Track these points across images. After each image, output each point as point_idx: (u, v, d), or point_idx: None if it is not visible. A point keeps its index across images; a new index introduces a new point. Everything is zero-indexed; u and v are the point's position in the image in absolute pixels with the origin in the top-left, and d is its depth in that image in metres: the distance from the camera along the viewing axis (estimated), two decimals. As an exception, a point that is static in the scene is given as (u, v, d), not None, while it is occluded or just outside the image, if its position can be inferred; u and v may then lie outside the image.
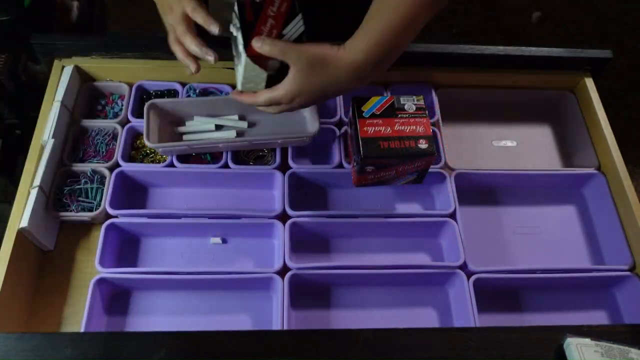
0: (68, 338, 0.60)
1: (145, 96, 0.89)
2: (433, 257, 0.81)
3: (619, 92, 1.97)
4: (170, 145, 0.79)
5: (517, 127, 0.96)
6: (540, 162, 0.93)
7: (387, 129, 0.75)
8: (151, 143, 0.77)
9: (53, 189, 0.77)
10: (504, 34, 2.09)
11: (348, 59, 0.63)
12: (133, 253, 0.78)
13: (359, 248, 0.81)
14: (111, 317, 0.74)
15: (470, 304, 0.72)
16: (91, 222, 0.79)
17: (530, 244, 0.84)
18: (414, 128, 0.75)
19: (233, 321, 0.74)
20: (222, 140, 0.80)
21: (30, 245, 0.74)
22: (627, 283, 0.78)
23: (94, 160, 0.82)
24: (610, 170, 0.85)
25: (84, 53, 0.87)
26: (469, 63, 0.92)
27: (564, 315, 0.78)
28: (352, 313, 0.76)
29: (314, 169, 0.83)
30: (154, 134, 0.79)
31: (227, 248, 0.80)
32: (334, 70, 0.63)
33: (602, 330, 0.65)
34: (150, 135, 0.78)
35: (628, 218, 0.81)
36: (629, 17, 2.16)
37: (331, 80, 0.64)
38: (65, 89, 0.83)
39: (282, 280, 0.72)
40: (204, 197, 0.83)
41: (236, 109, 0.84)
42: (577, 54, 0.92)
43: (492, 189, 0.88)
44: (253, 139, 0.80)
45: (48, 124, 0.80)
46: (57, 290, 0.75)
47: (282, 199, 0.79)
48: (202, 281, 0.74)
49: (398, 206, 0.85)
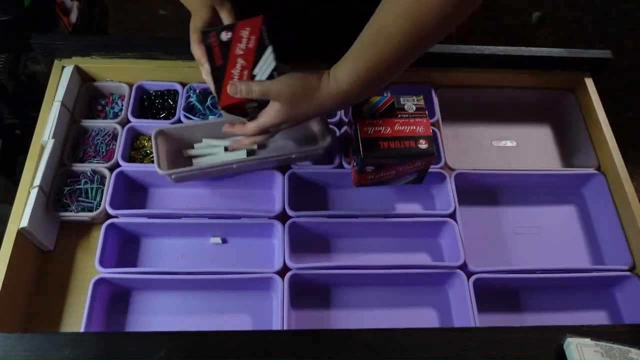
0: (68, 338, 0.60)
1: (145, 96, 0.89)
2: (433, 257, 0.81)
3: (619, 92, 1.97)
4: (182, 170, 0.76)
5: (517, 127, 0.96)
6: (540, 162, 0.93)
7: (387, 129, 0.75)
8: (162, 171, 0.75)
9: (53, 189, 0.77)
10: (504, 34, 2.09)
11: (332, 89, 0.61)
12: (133, 253, 0.79)
13: (359, 248, 0.81)
14: (111, 317, 0.74)
15: (470, 304, 0.72)
16: (91, 222, 0.79)
17: (530, 244, 0.84)
18: (414, 128, 0.75)
19: (233, 321, 0.74)
20: (235, 161, 0.77)
21: (30, 245, 0.74)
22: (627, 283, 0.78)
23: (94, 160, 0.82)
24: (610, 170, 0.85)
25: (84, 53, 0.87)
26: (469, 63, 0.92)
27: (564, 315, 0.78)
28: (352, 313, 0.76)
29: (314, 169, 0.83)
30: (164, 160, 0.77)
31: (227, 248, 0.80)
32: (318, 100, 0.62)
33: (602, 330, 0.65)
34: (160, 162, 0.76)
35: (628, 218, 0.81)
36: (629, 17, 2.16)
37: (315, 109, 0.63)
38: (65, 89, 0.83)
39: (282, 280, 0.72)
40: (204, 197, 0.83)
41: None
42: (577, 54, 0.92)
43: (492, 189, 0.88)
44: (266, 157, 0.78)
45: (48, 124, 0.80)
46: (57, 290, 0.75)
47: (282, 199, 0.79)
48: (202, 281, 0.74)
49: (398, 206, 0.85)
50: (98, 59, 0.88)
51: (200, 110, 0.87)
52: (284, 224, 0.77)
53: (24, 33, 0.95)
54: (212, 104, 0.88)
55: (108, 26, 1.91)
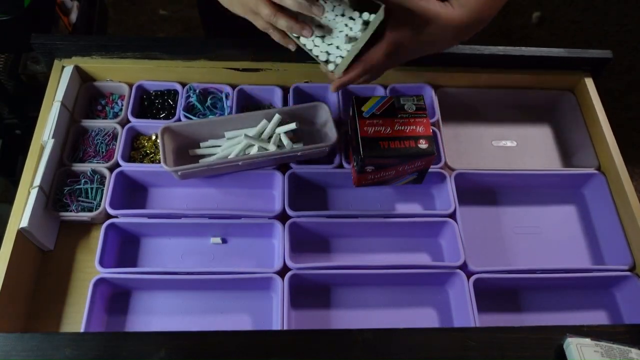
0: (68, 338, 0.60)
1: (145, 96, 0.89)
2: (433, 257, 0.81)
3: (619, 92, 1.97)
4: (189, 167, 0.76)
5: (517, 127, 0.96)
6: (540, 162, 0.93)
7: (387, 129, 0.75)
8: (169, 167, 0.75)
9: (53, 189, 0.77)
10: (504, 34, 2.09)
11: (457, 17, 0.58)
12: (133, 253, 0.79)
13: (359, 248, 0.81)
14: (111, 317, 0.74)
15: (470, 304, 0.72)
16: (91, 222, 0.79)
17: (530, 244, 0.84)
18: (414, 128, 0.75)
19: (233, 321, 0.74)
20: (241, 158, 0.77)
21: (30, 245, 0.74)
22: (627, 283, 0.78)
23: (94, 160, 0.82)
24: (610, 170, 0.85)
25: (84, 53, 0.87)
26: (469, 63, 0.91)
27: (564, 315, 0.78)
28: (352, 313, 0.76)
29: (314, 169, 0.83)
30: (170, 157, 0.78)
31: (227, 248, 0.80)
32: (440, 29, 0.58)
33: (602, 330, 0.65)
34: (167, 159, 0.76)
35: (628, 218, 0.81)
36: (628, 18, 2.16)
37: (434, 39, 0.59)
38: (65, 89, 0.83)
39: (282, 281, 0.72)
40: (204, 197, 0.83)
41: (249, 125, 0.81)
42: (577, 54, 0.92)
43: (492, 189, 0.88)
44: (272, 154, 0.78)
45: (48, 124, 0.80)
46: (57, 290, 0.75)
47: (282, 199, 0.79)
48: (202, 281, 0.74)
49: (398, 206, 0.85)
50: (98, 59, 0.88)
51: (200, 110, 0.87)
52: (284, 224, 0.77)
53: (24, 33, 0.94)
54: (211, 104, 0.88)
55: (108, 26, 1.91)
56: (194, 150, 0.81)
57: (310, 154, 0.80)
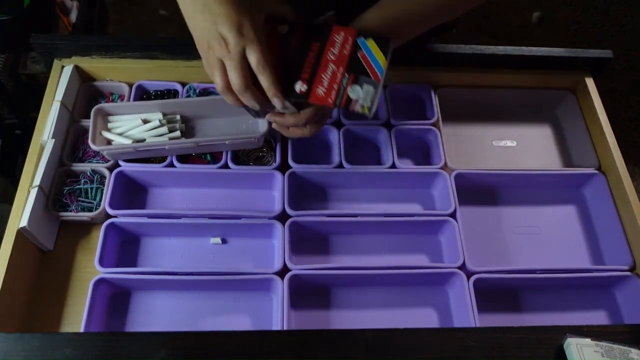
0: (68, 338, 0.60)
1: (145, 96, 0.89)
2: (433, 257, 0.81)
3: (619, 92, 1.97)
4: (113, 147, 0.78)
5: (517, 127, 0.96)
6: (540, 162, 0.93)
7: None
8: (96, 146, 0.77)
9: (53, 189, 0.77)
10: (504, 34, 2.09)
11: None
12: (133, 253, 0.78)
13: (359, 248, 0.81)
14: (111, 317, 0.74)
15: (470, 304, 0.72)
16: (91, 222, 0.79)
17: (530, 244, 0.84)
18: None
19: (233, 321, 0.74)
20: (167, 142, 0.79)
21: (30, 245, 0.74)
22: (627, 283, 0.78)
23: (94, 160, 0.82)
24: (610, 170, 0.85)
25: (84, 53, 0.87)
26: (469, 63, 0.91)
27: (564, 315, 0.78)
28: (352, 313, 0.76)
29: (313, 169, 0.83)
30: (99, 136, 0.79)
31: (227, 248, 0.80)
32: None
33: (602, 330, 0.65)
34: (96, 138, 0.78)
35: (628, 218, 0.81)
36: (628, 18, 2.16)
37: None
38: (65, 89, 0.83)
39: (282, 281, 0.72)
40: (204, 197, 0.83)
41: (181, 110, 0.83)
42: (577, 54, 0.92)
43: (492, 189, 0.88)
44: (199, 140, 0.79)
45: (48, 124, 0.80)
46: (57, 290, 0.75)
47: (282, 199, 0.79)
48: (202, 281, 0.74)
49: (398, 206, 0.85)
50: (98, 59, 0.88)
51: (200, 110, 0.87)
52: (284, 224, 0.77)
53: (23, 33, 0.95)
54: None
55: (108, 26, 1.91)
56: (104, 133, 0.81)
57: (239, 143, 0.81)
